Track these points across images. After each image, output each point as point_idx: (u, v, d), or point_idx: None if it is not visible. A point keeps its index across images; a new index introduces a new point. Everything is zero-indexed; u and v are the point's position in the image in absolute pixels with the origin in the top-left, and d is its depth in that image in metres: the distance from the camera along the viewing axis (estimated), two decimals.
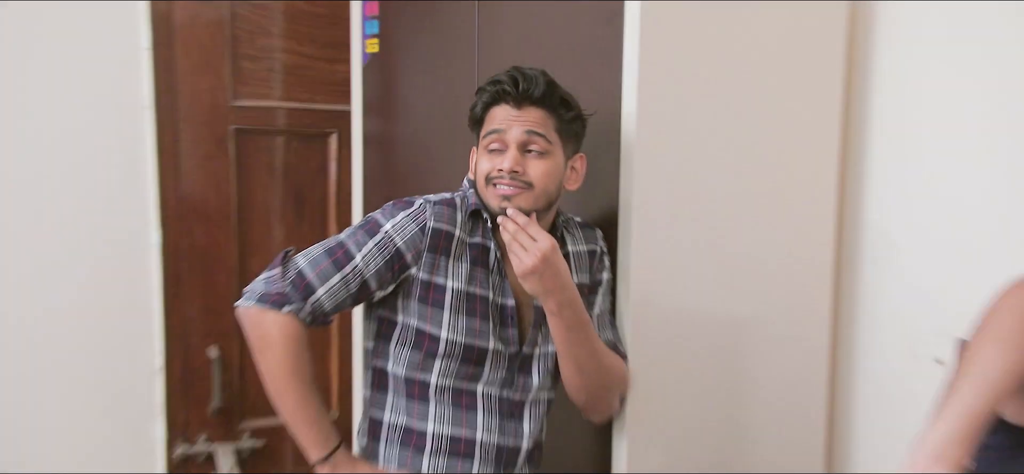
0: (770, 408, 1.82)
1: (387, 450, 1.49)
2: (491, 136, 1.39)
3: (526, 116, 1.38)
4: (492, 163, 1.38)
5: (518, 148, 1.35)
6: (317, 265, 1.39)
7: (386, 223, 1.40)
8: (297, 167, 2.34)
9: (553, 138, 1.37)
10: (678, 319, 1.69)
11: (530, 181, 1.35)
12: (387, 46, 2.13)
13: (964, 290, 1.66)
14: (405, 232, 1.40)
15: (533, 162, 1.37)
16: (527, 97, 1.38)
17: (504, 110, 1.39)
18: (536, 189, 1.35)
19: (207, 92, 2.17)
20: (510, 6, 1.80)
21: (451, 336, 1.43)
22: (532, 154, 1.37)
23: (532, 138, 1.37)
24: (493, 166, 1.38)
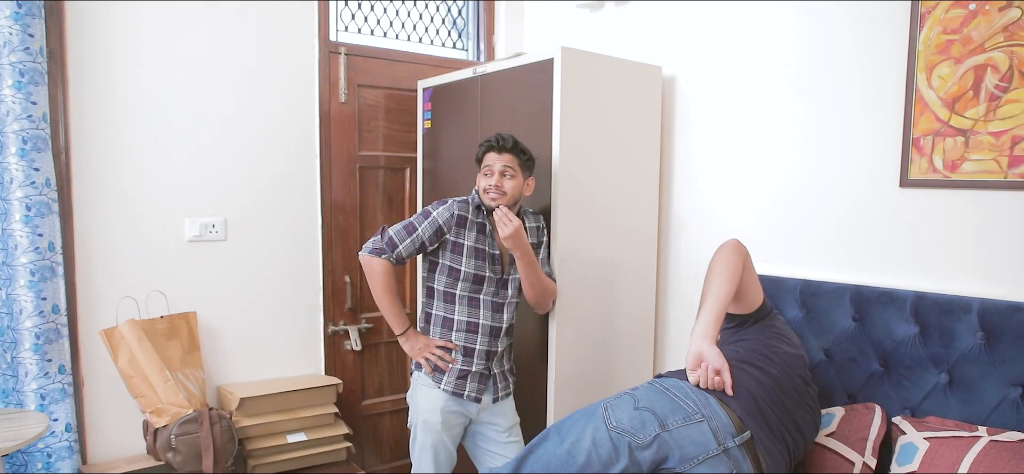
0: (625, 309, 2.60)
1: (433, 328, 2.25)
2: (485, 167, 2.17)
3: (504, 158, 2.14)
4: (486, 182, 2.15)
5: (498, 174, 2.14)
6: (399, 233, 2.16)
7: (433, 211, 2.17)
8: (389, 184, 3.17)
9: (516, 169, 2.14)
10: (580, 262, 2.42)
11: (504, 191, 2.13)
12: (435, 124, 2.96)
13: (718, 245, 2.63)
14: (442, 215, 2.16)
15: (506, 182, 2.13)
16: (503, 148, 2.15)
17: (492, 155, 2.15)
18: (508, 196, 2.13)
19: (346, 147, 3.01)
20: (498, 87, 2.55)
21: (467, 269, 2.16)
22: (505, 177, 2.13)
23: (504, 168, 2.13)
24: (487, 183, 2.15)
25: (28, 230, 2.33)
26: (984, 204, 1.97)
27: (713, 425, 1.61)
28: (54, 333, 2.40)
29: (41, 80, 2.34)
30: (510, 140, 2.18)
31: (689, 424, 1.60)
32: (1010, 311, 1.86)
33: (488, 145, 2.18)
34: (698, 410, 1.62)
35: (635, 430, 1.61)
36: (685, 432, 1.61)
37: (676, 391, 1.68)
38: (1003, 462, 1.69)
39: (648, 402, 1.65)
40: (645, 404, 1.65)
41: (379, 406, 3.27)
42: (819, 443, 2.01)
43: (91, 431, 2.58)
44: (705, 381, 1.67)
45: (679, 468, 1.60)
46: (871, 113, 2.20)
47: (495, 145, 2.17)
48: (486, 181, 2.16)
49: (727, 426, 1.61)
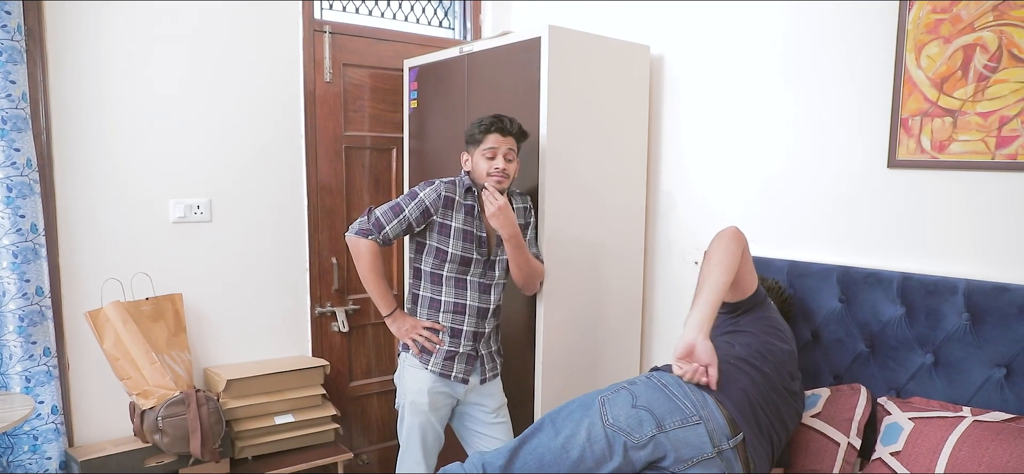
0: (613, 289, 2.61)
1: (421, 310, 2.25)
2: (489, 149, 2.13)
3: (509, 141, 2.14)
4: (490, 164, 2.12)
5: (503, 158, 2.15)
6: (385, 214, 2.15)
7: (420, 192, 2.16)
8: (375, 165, 3.16)
9: (515, 152, 2.17)
10: (568, 243, 2.43)
11: (508, 175, 2.14)
12: (421, 104, 2.94)
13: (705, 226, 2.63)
14: (429, 196, 2.15)
15: (508, 165, 2.15)
16: (507, 131, 2.15)
17: (496, 136, 2.13)
18: (510, 178, 2.16)
19: (331, 127, 2.99)
20: (485, 67, 2.54)
21: (454, 250, 2.16)
22: (508, 161, 2.15)
23: (510, 154, 2.15)
24: (491, 166, 2.12)
25: (9, 211, 2.31)
26: (972, 185, 1.97)
27: (710, 427, 1.59)
28: (38, 315, 2.40)
29: (19, 59, 2.31)
30: (515, 124, 2.17)
31: (686, 426, 1.59)
32: (996, 292, 1.86)
33: (493, 126, 2.15)
34: (696, 411, 1.60)
35: (631, 429, 1.59)
36: (682, 434, 1.59)
37: (675, 389, 1.65)
38: (987, 442, 1.70)
39: (646, 401, 1.63)
40: (643, 402, 1.63)
41: (367, 387, 3.28)
42: (805, 424, 2.02)
43: (77, 413, 2.58)
44: (691, 376, 1.65)
45: (673, 468, 1.59)
46: (859, 93, 2.19)
47: (501, 127, 2.15)
48: (491, 164, 2.14)
49: (723, 428, 1.60)
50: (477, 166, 2.17)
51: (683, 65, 2.68)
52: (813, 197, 2.32)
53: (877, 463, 1.89)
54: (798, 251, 2.35)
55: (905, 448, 1.83)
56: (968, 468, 1.68)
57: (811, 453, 1.98)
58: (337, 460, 2.85)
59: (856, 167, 2.20)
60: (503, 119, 2.15)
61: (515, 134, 2.18)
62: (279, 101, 2.90)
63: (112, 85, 2.56)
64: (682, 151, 2.71)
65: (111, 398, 2.60)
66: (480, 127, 2.15)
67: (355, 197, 3.16)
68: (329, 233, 3.08)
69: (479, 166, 2.16)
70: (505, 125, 2.15)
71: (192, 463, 2.52)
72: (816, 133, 2.31)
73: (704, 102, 2.62)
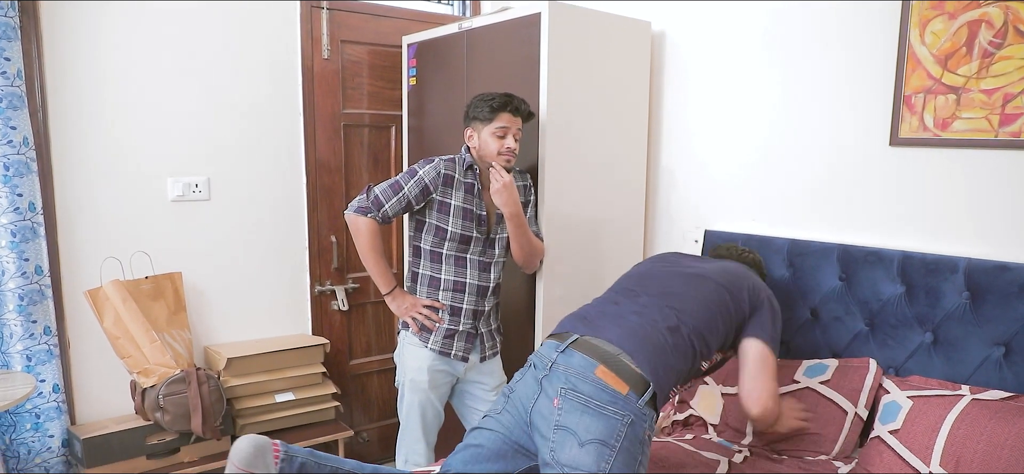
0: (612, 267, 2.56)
1: (420, 288, 2.25)
2: (501, 128, 2.11)
3: (518, 122, 2.14)
4: (500, 144, 2.11)
5: (513, 137, 2.14)
6: (384, 192, 2.13)
7: (420, 170, 2.14)
8: (374, 143, 3.15)
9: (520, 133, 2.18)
10: (568, 220, 2.42)
11: (515, 153, 2.16)
12: (420, 81, 2.91)
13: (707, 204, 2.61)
14: (429, 174, 2.13)
15: (516, 145, 2.15)
16: (521, 112, 2.14)
17: (508, 116, 2.11)
18: (516, 157, 2.17)
19: (330, 105, 2.98)
20: (484, 42, 2.52)
21: (454, 228, 2.16)
22: (516, 141, 2.15)
23: (518, 133, 2.15)
24: (501, 145, 2.11)
25: (7, 190, 2.31)
26: (974, 163, 1.96)
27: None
28: (38, 294, 2.40)
29: (13, 35, 2.29)
30: (526, 105, 2.16)
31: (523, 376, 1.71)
32: (996, 271, 1.86)
33: (506, 105, 2.12)
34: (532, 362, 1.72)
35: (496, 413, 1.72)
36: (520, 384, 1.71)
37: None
38: (985, 420, 1.71)
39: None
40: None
41: (367, 366, 3.29)
42: (814, 389, 2.03)
43: (79, 391, 2.59)
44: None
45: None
46: (862, 70, 2.17)
47: (514, 107, 2.13)
48: (502, 143, 2.13)
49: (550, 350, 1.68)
50: (485, 144, 2.15)
51: (684, 41, 2.65)
52: (814, 175, 2.30)
53: (875, 441, 1.89)
54: (798, 229, 2.34)
55: (904, 426, 1.84)
56: (966, 447, 1.69)
57: (819, 417, 1.98)
58: (337, 437, 2.87)
59: (858, 145, 2.19)
60: (515, 99, 2.13)
61: (524, 115, 2.17)
62: (277, 79, 2.88)
63: (108, 62, 2.54)
64: (683, 128, 2.69)
65: (112, 376, 2.61)
66: (491, 105, 2.11)
67: (354, 175, 3.15)
68: (328, 212, 3.07)
69: (488, 145, 2.14)
70: (517, 105, 2.13)
71: (193, 441, 2.54)
72: (818, 111, 2.29)
73: (705, 78, 2.60)
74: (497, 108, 2.11)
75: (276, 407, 2.75)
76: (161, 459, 2.51)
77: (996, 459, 1.63)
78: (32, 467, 2.44)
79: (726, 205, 2.55)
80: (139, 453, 2.47)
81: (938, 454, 1.72)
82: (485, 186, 2.18)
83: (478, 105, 2.14)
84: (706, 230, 2.56)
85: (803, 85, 2.32)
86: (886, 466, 1.81)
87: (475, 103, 2.16)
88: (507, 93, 2.14)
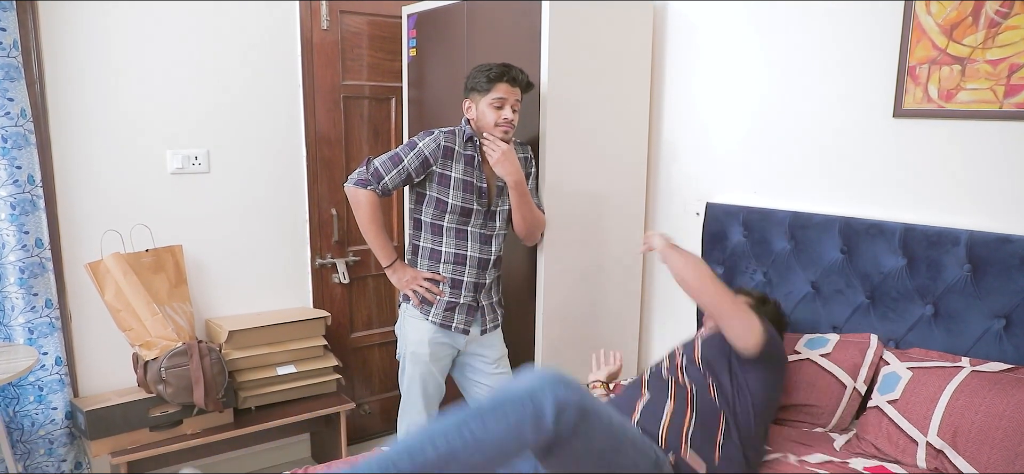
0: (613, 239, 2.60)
1: (421, 261, 2.24)
2: (498, 99, 2.09)
3: (517, 92, 2.11)
4: (499, 115, 2.09)
5: (511, 108, 2.12)
6: (384, 164, 2.12)
7: (419, 142, 2.13)
8: (374, 115, 3.15)
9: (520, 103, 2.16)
10: (568, 193, 2.42)
11: (514, 125, 2.13)
12: (420, 52, 2.90)
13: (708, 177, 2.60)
14: (429, 146, 2.13)
15: (515, 115, 2.14)
16: (519, 83, 2.11)
17: (506, 86, 2.08)
18: (514, 128, 2.16)
19: (329, 77, 2.97)
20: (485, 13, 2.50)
21: (454, 201, 2.16)
22: (514, 111, 2.13)
23: (516, 104, 2.13)
24: (499, 116, 2.08)
25: (6, 162, 2.30)
26: (978, 134, 1.95)
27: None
28: (39, 267, 2.40)
29: (9, 5, 2.27)
30: (524, 75, 2.14)
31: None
32: (998, 243, 1.86)
33: (503, 75, 2.10)
34: None
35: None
36: None
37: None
38: (984, 391, 1.72)
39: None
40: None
41: (368, 338, 3.30)
42: (814, 361, 2.04)
43: (81, 364, 2.60)
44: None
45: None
46: (867, 41, 2.15)
47: (511, 77, 2.11)
48: (499, 113, 2.11)
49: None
50: (483, 115, 2.14)
51: (687, 12, 2.63)
52: (816, 147, 2.29)
53: (874, 411, 1.91)
54: (800, 202, 2.33)
55: (902, 396, 1.85)
56: (965, 417, 1.71)
57: (818, 390, 2.00)
58: (339, 410, 2.88)
59: (861, 116, 2.18)
60: (512, 69, 2.11)
61: (523, 85, 2.15)
62: (276, 50, 2.86)
63: (106, 33, 2.52)
64: (685, 100, 2.68)
65: (114, 349, 2.62)
66: (488, 75, 2.09)
67: (354, 147, 3.14)
68: (328, 184, 3.07)
69: (486, 116, 2.13)
70: (515, 75, 2.11)
71: (196, 413, 2.56)
72: (822, 82, 2.27)
73: (708, 50, 2.58)
74: (494, 78, 2.09)
75: (277, 380, 2.76)
76: (164, 431, 2.53)
77: (994, 429, 1.65)
78: (36, 439, 2.46)
79: (728, 178, 2.54)
80: (142, 425, 2.49)
81: (936, 424, 1.74)
82: (485, 158, 2.16)
83: (476, 75, 2.12)
84: (707, 202, 2.56)
85: (806, 57, 2.30)
86: (883, 435, 1.83)
87: (473, 74, 2.15)
88: (505, 63, 2.11)
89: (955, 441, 1.70)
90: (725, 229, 2.49)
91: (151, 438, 2.51)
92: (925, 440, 1.74)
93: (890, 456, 1.81)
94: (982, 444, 1.65)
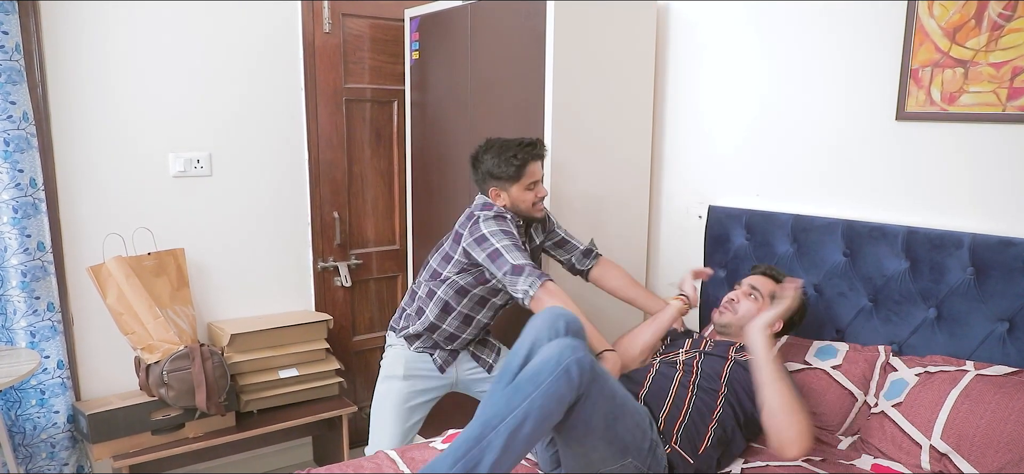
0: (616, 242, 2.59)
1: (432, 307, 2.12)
2: (532, 182, 2.01)
3: (540, 164, 2.07)
4: (533, 196, 2.03)
5: (541, 180, 2.07)
6: (512, 254, 1.90)
7: (507, 217, 2.00)
8: (376, 118, 3.15)
9: None
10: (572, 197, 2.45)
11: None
12: (423, 55, 2.90)
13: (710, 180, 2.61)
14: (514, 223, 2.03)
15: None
16: (543, 153, 2.07)
17: (537, 165, 2.03)
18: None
19: (331, 80, 2.98)
20: (490, 16, 2.48)
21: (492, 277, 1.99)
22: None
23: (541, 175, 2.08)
24: (534, 196, 2.03)
25: (8, 166, 2.30)
26: (981, 137, 1.95)
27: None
28: (41, 270, 2.40)
29: (11, 8, 2.27)
30: (543, 143, 2.09)
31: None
32: (1001, 246, 1.86)
33: (530, 156, 2.00)
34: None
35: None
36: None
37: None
38: (989, 396, 1.72)
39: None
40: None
41: (370, 342, 3.30)
42: (826, 372, 2.03)
43: (83, 367, 2.60)
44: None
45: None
46: (869, 44, 2.15)
47: (537, 153, 2.02)
48: (533, 195, 2.04)
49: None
50: (519, 200, 2.03)
51: (689, 15, 2.63)
52: (820, 150, 2.29)
53: (878, 415, 1.90)
54: (803, 205, 2.33)
55: (906, 400, 1.85)
56: (969, 421, 1.70)
57: (828, 401, 1.99)
58: (341, 413, 2.88)
59: (864, 119, 2.18)
60: (537, 144, 2.01)
61: (544, 154, 2.08)
62: (278, 53, 2.86)
63: (108, 36, 2.52)
64: (687, 103, 2.67)
65: (116, 352, 2.62)
66: (515, 161, 1.96)
67: (356, 151, 3.14)
68: (330, 187, 3.07)
69: (523, 201, 2.02)
70: (540, 150, 2.02)
71: (198, 416, 2.56)
72: (824, 85, 2.27)
73: (711, 53, 2.58)
74: (524, 161, 1.97)
75: (280, 383, 2.76)
76: (165, 435, 2.53)
77: (999, 433, 1.65)
78: (38, 443, 2.46)
79: (730, 180, 2.54)
80: (144, 428, 2.49)
81: (940, 428, 1.73)
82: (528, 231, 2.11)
83: (498, 164, 1.98)
84: (710, 205, 2.55)
85: (809, 59, 2.30)
86: (888, 439, 1.83)
87: (491, 162, 2.00)
88: (525, 142, 1.99)
89: (959, 445, 1.69)
90: (727, 232, 2.49)
91: (153, 441, 2.51)
92: (929, 443, 1.74)
93: (894, 460, 1.80)
94: (987, 447, 1.65)
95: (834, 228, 2.19)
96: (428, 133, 2.87)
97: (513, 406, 1.41)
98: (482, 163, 2.04)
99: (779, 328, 1.94)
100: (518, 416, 1.40)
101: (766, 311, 1.85)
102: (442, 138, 2.83)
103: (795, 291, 1.87)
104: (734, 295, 2.02)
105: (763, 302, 1.97)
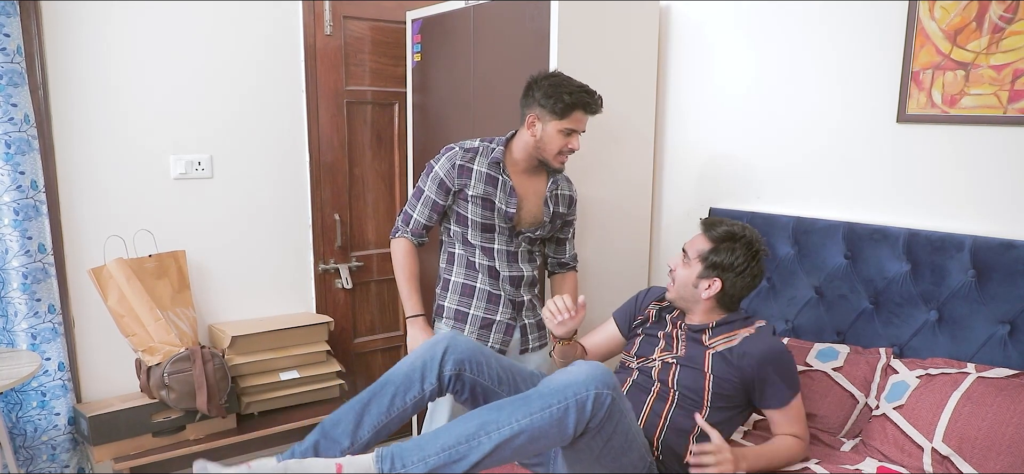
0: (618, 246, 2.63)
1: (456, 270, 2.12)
2: (571, 130, 1.91)
3: (586, 121, 1.98)
4: (565, 144, 1.93)
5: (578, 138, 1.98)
6: (410, 203, 2.07)
7: (435, 164, 2.02)
8: (377, 121, 3.14)
9: None
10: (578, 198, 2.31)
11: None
12: (425, 57, 2.88)
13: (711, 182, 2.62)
14: (444, 167, 2.04)
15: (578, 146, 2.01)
16: (596, 112, 1.95)
17: (581, 115, 1.91)
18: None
19: (332, 82, 2.96)
20: (492, 19, 2.48)
21: (474, 216, 2.05)
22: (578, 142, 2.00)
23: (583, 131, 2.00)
24: (566, 144, 1.93)
25: (9, 168, 2.30)
26: (982, 140, 1.95)
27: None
28: (42, 272, 2.40)
29: (12, 11, 2.27)
30: (600, 102, 1.98)
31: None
32: (1002, 248, 1.86)
33: (585, 103, 1.91)
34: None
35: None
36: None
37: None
38: (990, 399, 1.72)
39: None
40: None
41: (371, 344, 3.29)
42: (827, 374, 2.03)
43: (84, 369, 2.60)
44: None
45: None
46: (870, 46, 2.15)
47: (591, 107, 1.93)
48: (567, 142, 1.96)
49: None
50: (548, 139, 1.95)
51: (692, 17, 2.63)
52: (820, 152, 2.30)
53: (880, 418, 1.90)
54: (804, 207, 2.34)
55: (908, 402, 1.85)
56: (971, 424, 1.70)
57: (829, 402, 2.00)
58: None
59: (865, 121, 2.18)
60: (595, 97, 1.92)
61: (596, 114, 1.99)
62: (279, 55, 2.86)
63: (109, 38, 2.52)
64: (690, 106, 2.68)
65: (117, 355, 2.62)
66: (566, 99, 1.87)
67: (357, 153, 3.14)
68: (331, 189, 3.08)
69: (552, 141, 1.94)
70: (595, 106, 1.93)
71: (199, 418, 2.55)
72: (825, 87, 2.28)
73: (713, 55, 2.59)
74: (573, 104, 1.88)
75: (281, 385, 2.76)
76: (167, 436, 2.52)
77: (1000, 435, 1.65)
78: (38, 445, 2.45)
79: (732, 183, 2.54)
80: (145, 431, 2.48)
81: (941, 430, 1.74)
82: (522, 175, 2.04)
83: (550, 91, 1.89)
84: (711, 208, 2.56)
85: (810, 62, 2.30)
86: (889, 441, 1.83)
87: (547, 86, 1.91)
88: (586, 87, 1.91)
89: (961, 447, 1.69)
90: None
91: (154, 444, 2.51)
92: (931, 446, 1.74)
93: (896, 462, 1.80)
94: (988, 450, 1.65)
95: (835, 230, 2.19)
96: (430, 135, 2.86)
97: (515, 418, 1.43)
98: (537, 86, 1.95)
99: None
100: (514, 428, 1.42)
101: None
102: (444, 140, 2.70)
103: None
104: (672, 262, 1.89)
105: (692, 263, 1.82)
